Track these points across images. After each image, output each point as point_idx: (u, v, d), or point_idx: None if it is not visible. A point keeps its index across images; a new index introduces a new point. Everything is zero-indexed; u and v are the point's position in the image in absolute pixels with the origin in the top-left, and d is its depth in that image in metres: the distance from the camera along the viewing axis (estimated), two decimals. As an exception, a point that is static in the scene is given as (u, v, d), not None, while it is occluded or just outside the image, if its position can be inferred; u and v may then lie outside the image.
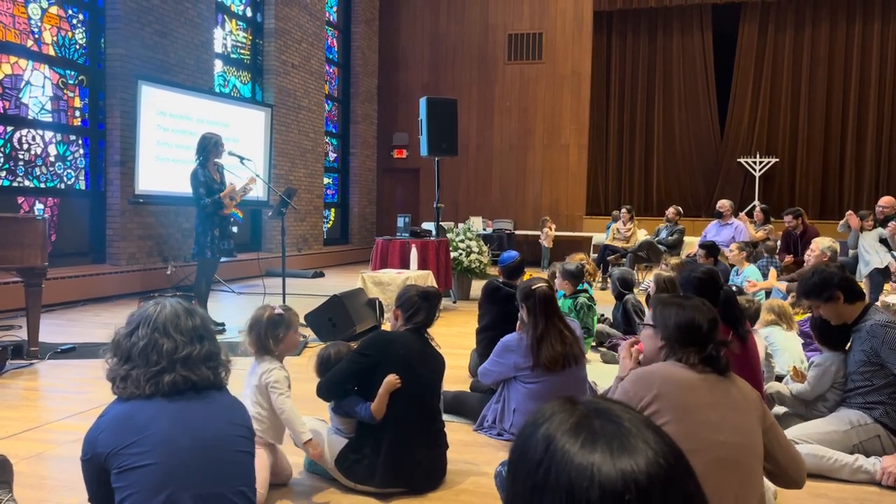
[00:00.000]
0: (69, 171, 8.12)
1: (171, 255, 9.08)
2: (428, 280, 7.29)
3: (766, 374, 3.86)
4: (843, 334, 3.50)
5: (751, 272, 7.13)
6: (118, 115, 8.32)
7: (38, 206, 7.76)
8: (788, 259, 8.22)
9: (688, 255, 9.74)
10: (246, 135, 10.09)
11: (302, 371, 4.86)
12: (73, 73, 8.13)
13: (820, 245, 5.95)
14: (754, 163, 14.60)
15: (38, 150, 7.74)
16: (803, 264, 6.69)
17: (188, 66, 9.44)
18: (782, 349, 4.69)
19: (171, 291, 8.11)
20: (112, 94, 8.35)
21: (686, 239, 10.86)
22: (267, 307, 2.91)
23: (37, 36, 7.70)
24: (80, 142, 8.27)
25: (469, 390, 4.23)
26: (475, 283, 8.75)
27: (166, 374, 1.78)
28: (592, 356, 5.39)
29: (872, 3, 14.35)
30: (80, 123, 8.24)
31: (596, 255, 10.96)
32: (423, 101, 8.53)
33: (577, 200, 14.79)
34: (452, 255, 8.50)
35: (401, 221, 8.46)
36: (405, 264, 7.74)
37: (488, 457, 3.30)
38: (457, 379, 4.65)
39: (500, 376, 3.53)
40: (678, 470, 0.76)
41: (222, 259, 6.44)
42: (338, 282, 10.17)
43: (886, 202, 7.78)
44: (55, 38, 7.92)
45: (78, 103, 8.21)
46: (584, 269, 6.26)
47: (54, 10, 7.89)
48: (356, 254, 14.63)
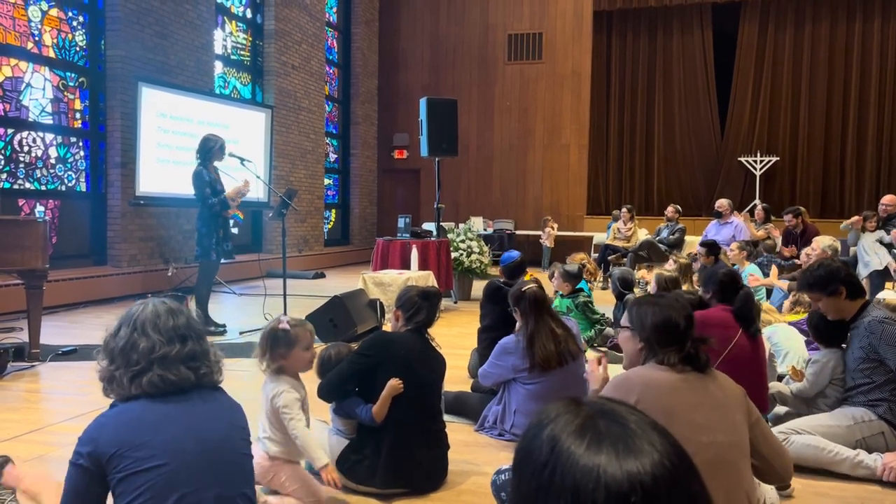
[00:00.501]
0: (70, 173, 8.12)
1: (172, 256, 9.08)
2: (429, 280, 7.29)
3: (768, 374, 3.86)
4: (839, 331, 3.52)
5: (751, 271, 7.13)
6: (118, 116, 8.32)
7: (39, 208, 7.75)
8: (787, 250, 8.25)
9: (689, 254, 9.75)
10: (246, 136, 10.09)
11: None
12: (73, 75, 8.13)
13: (821, 244, 5.95)
14: (755, 162, 14.59)
15: (39, 153, 7.74)
16: (800, 258, 6.70)
17: (188, 68, 9.44)
18: (786, 348, 4.69)
19: (171, 292, 8.11)
20: (112, 95, 8.35)
21: (687, 238, 10.86)
22: (277, 320, 2.71)
23: (37, 38, 7.71)
24: (81, 144, 8.27)
25: (470, 391, 4.23)
26: (476, 284, 8.74)
27: (144, 375, 1.75)
28: (594, 355, 5.37)
29: (872, 1, 14.34)
30: (80, 125, 8.24)
31: (597, 255, 10.96)
32: (423, 102, 8.53)
33: (577, 200, 14.79)
34: (453, 255, 8.50)
35: (401, 222, 8.46)
36: (406, 265, 7.74)
37: (489, 457, 3.30)
38: (458, 379, 4.64)
39: (500, 378, 3.53)
40: (683, 471, 0.76)
41: (222, 260, 6.44)
42: (339, 283, 10.17)
43: (889, 200, 7.77)
44: (55, 41, 7.92)
45: (78, 105, 8.21)
46: (584, 269, 6.27)
47: (54, 12, 7.89)
48: (357, 254, 14.64)
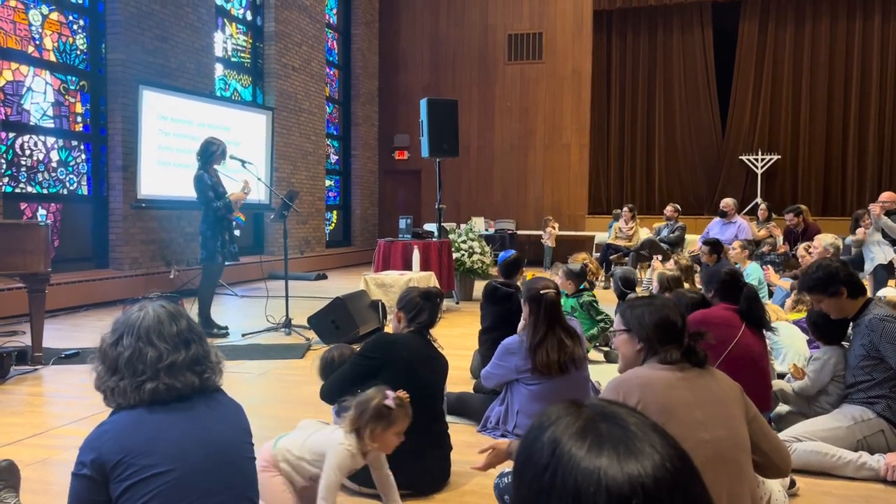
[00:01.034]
0: (71, 176, 8.13)
1: (174, 258, 9.09)
2: (430, 281, 7.29)
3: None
4: (838, 328, 3.53)
5: (752, 270, 7.12)
6: (119, 120, 8.33)
7: (41, 211, 7.76)
8: (782, 248, 8.29)
9: (691, 253, 9.74)
10: (247, 138, 10.10)
11: (305, 374, 4.87)
12: (74, 78, 8.14)
13: (823, 242, 5.94)
14: (756, 160, 14.58)
15: (41, 156, 7.75)
16: (796, 257, 6.70)
17: (189, 71, 9.45)
18: (787, 346, 4.69)
19: (154, 293, 8.12)
20: (113, 99, 8.36)
21: (688, 237, 10.86)
22: (381, 393, 2.53)
23: (38, 42, 7.72)
24: (82, 147, 8.28)
25: (472, 391, 4.23)
26: (478, 284, 8.74)
27: (150, 383, 1.72)
28: (596, 355, 5.39)
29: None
30: (81, 129, 8.25)
31: (598, 255, 10.95)
32: (423, 103, 8.53)
33: (578, 200, 14.79)
34: (455, 255, 8.50)
35: (403, 223, 8.46)
36: (408, 266, 7.74)
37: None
38: (460, 380, 4.64)
39: (503, 379, 3.53)
40: (684, 473, 0.76)
41: (226, 262, 6.45)
42: (340, 284, 10.17)
43: (887, 197, 7.75)
44: (56, 44, 7.93)
45: (79, 109, 8.22)
46: (588, 269, 6.26)
47: (55, 16, 7.90)
48: (358, 256, 14.64)
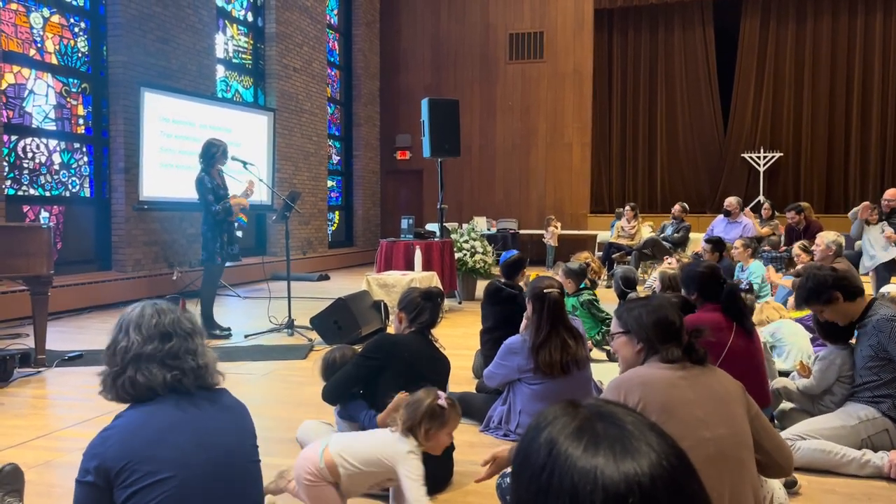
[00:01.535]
0: (74, 178, 8.15)
1: (177, 260, 9.10)
2: (433, 281, 7.29)
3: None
4: (846, 328, 3.50)
5: (755, 268, 7.11)
6: (121, 122, 8.34)
7: (44, 214, 7.78)
8: (782, 248, 8.30)
9: (694, 252, 9.73)
10: (249, 139, 10.11)
11: (308, 374, 4.88)
12: (75, 81, 8.16)
13: (825, 239, 5.92)
14: (758, 158, 14.56)
15: (43, 159, 7.77)
16: (792, 257, 6.70)
17: (190, 72, 9.46)
18: (790, 344, 4.68)
19: (169, 296, 8.15)
20: (115, 101, 8.37)
21: (692, 235, 10.84)
22: (432, 393, 2.53)
23: (39, 45, 7.73)
24: (84, 149, 8.30)
25: (475, 391, 4.23)
26: (480, 284, 8.74)
27: (121, 376, 1.73)
28: (599, 354, 5.38)
29: (874, -4, 14.32)
30: (83, 131, 8.27)
31: (601, 253, 10.94)
32: (424, 103, 8.53)
33: (581, 199, 14.78)
34: (457, 255, 8.50)
35: (405, 223, 8.46)
36: (410, 266, 7.74)
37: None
38: (462, 380, 4.64)
39: (505, 379, 3.53)
40: (681, 471, 0.76)
41: (227, 263, 6.46)
42: (343, 284, 10.18)
43: (892, 195, 7.73)
44: (57, 47, 7.95)
45: (81, 111, 8.24)
46: (589, 267, 6.26)
47: (56, 18, 7.92)
48: (361, 256, 14.65)
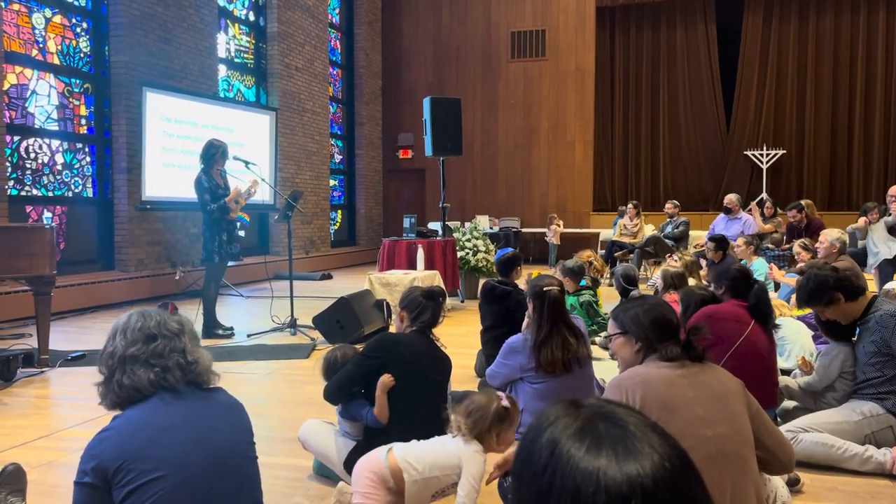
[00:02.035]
0: (76, 179, 8.16)
1: (180, 260, 9.11)
2: (435, 280, 7.29)
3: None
4: (849, 326, 3.50)
5: (759, 265, 7.10)
6: (124, 122, 8.35)
7: (47, 214, 7.80)
8: (785, 245, 8.29)
9: (695, 247, 9.72)
10: (251, 139, 10.11)
11: (310, 374, 4.88)
12: (78, 81, 8.17)
13: (829, 237, 5.90)
14: (761, 155, 14.53)
15: (46, 159, 7.78)
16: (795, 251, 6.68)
17: (192, 72, 9.47)
18: (792, 342, 4.66)
19: (181, 297, 8.16)
20: (117, 101, 8.38)
21: (692, 232, 10.83)
22: (493, 396, 2.49)
23: (41, 45, 7.74)
24: (87, 150, 8.31)
25: (477, 390, 4.23)
26: (483, 283, 8.73)
27: (110, 380, 1.76)
28: (601, 353, 5.37)
29: (877, -8, 14.28)
30: (86, 131, 8.28)
31: (603, 252, 10.93)
32: (426, 101, 8.52)
33: (583, 197, 14.76)
34: (459, 254, 8.50)
35: (407, 222, 8.46)
36: (412, 265, 7.74)
37: (497, 457, 3.28)
38: (465, 379, 4.64)
39: (507, 378, 3.52)
40: (683, 473, 0.76)
41: (229, 263, 6.46)
42: (345, 283, 10.18)
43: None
44: (60, 47, 7.96)
45: (84, 111, 8.25)
46: (591, 266, 6.25)
47: (58, 19, 7.93)
48: (363, 255, 14.65)
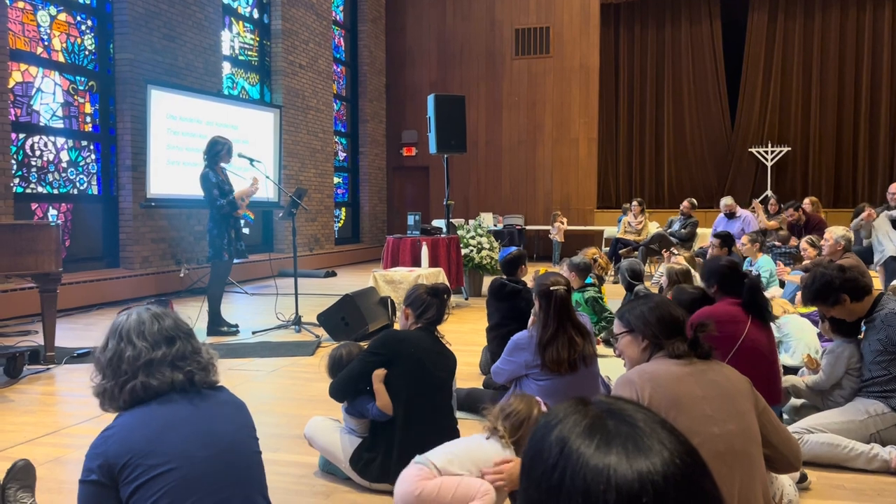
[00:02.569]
0: (81, 176, 8.18)
1: (184, 257, 9.13)
2: (439, 277, 7.29)
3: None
4: (854, 323, 3.48)
5: (764, 262, 7.08)
6: (128, 119, 8.36)
7: (52, 212, 7.82)
8: (793, 241, 8.29)
9: (700, 247, 9.70)
10: (255, 136, 10.12)
11: (315, 371, 4.89)
12: (83, 78, 8.18)
13: (834, 235, 5.89)
14: (766, 152, 14.49)
15: (51, 157, 7.80)
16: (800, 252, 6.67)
17: (196, 69, 9.48)
18: (797, 339, 4.65)
19: (152, 299, 8.18)
20: (122, 98, 8.40)
21: (699, 231, 10.81)
22: (534, 402, 2.50)
23: (46, 43, 7.76)
24: (92, 147, 8.32)
25: (482, 387, 4.23)
26: (487, 280, 8.73)
27: (129, 384, 1.75)
28: (606, 350, 5.37)
29: (883, -11, 14.21)
30: (91, 129, 8.29)
31: (608, 249, 10.91)
32: (430, 99, 8.52)
33: (587, 194, 14.74)
34: (463, 251, 8.50)
35: (411, 219, 8.46)
36: (416, 262, 7.74)
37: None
38: (469, 376, 4.65)
39: (513, 375, 3.52)
40: (694, 469, 0.76)
41: (235, 260, 6.47)
42: (350, 281, 10.19)
43: None
44: (64, 45, 7.97)
45: (88, 109, 8.26)
46: (597, 263, 6.23)
47: (63, 16, 7.94)
48: (367, 252, 14.66)
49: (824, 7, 14.62)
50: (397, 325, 4.66)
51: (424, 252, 7.61)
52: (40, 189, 7.67)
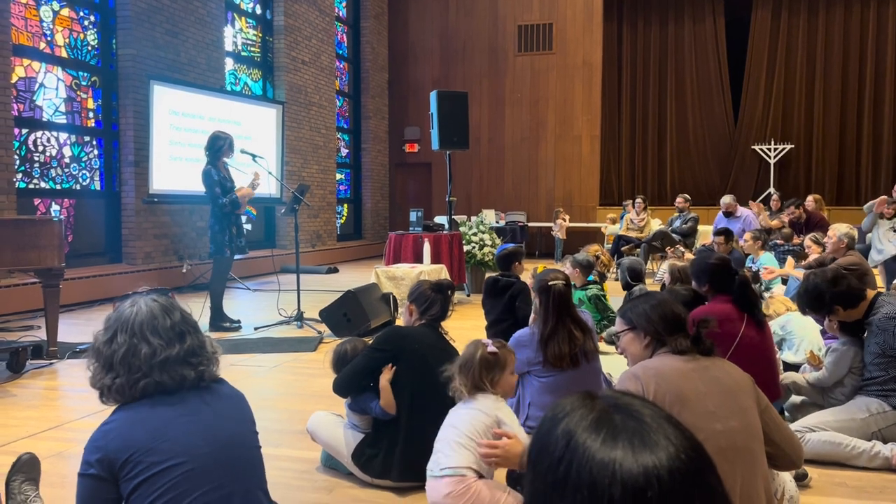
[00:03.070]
0: (84, 172, 8.19)
1: (187, 253, 9.14)
2: (441, 274, 7.29)
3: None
4: (856, 322, 3.49)
5: (766, 260, 7.07)
6: (131, 115, 8.37)
7: (55, 207, 7.83)
8: (797, 239, 8.27)
9: (703, 244, 9.69)
10: (258, 132, 10.12)
11: (317, 366, 4.89)
12: (85, 74, 8.18)
13: (837, 232, 5.88)
14: (769, 150, 14.46)
15: (54, 152, 7.80)
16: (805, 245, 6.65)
17: (199, 65, 9.47)
18: (800, 337, 4.64)
19: (145, 287, 8.18)
20: (125, 94, 8.40)
21: (700, 228, 10.80)
22: (479, 344, 2.58)
23: (49, 38, 7.76)
24: (95, 143, 8.33)
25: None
26: (489, 276, 8.73)
27: (143, 380, 1.72)
28: (608, 347, 5.37)
29: (887, -14, 14.17)
30: (93, 124, 8.30)
31: (610, 246, 10.91)
32: (433, 95, 8.51)
33: (590, 191, 14.73)
34: (465, 248, 8.50)
35: (413, 216, 8.46)
36: (418, 258, 7.74)
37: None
38: (472, 372, 4.64)
39: (515, 371, 3.52)
40: (699, 464, 0.76)
41: (236, 256, 6.48)
42: (352, 277, 10.20)
43: None
44: (67, 40, 7.97)
45: (91, 104, 8.27)
46: (599, 260, 6.23)
47: (66, 12, 7.94)
48: (369, 249, 14.66)
49: (828, 4, 14.58)
50: (399, 321, 4.67)
51: (427, 249, 7.61)
52: (43, 184, 7.68)
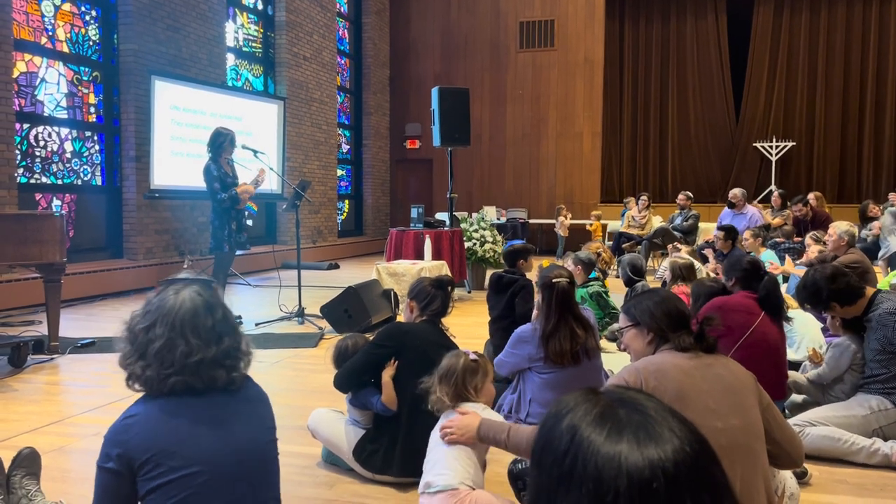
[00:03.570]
0: (85, 167, 8.18)
1: (188, 248, 9.14)
2: (442, 270, 7.29)
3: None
4: (857, 317, 3.49)
5: (767, 257, 7.06)
6: (132, 110, 8.36)
7: (56, 202, 7.83)
8: (797, 238, 8.28)
9: (705, 240, 9.69)
10: (259, 128, 10.12)
11: (318, 362, 4.90)
12: (87, 69, 8.17)
13: (837, 230, 5.87)
14: (770, 147, 14.45)
15: (55, 147, 7.80)
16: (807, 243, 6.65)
17: (200, 61, 9.47)
18: (801, 335, 4.65)
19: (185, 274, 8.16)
20: (126, 89, 8.39)
21: (701, 225, 10.79)
22: (460, 354, 2.59)
23: (50, 33, 7.75)
24: (96, 138, 8.33)
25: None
26: (490, 273, 8.72)
27: (173, 377, 1.68)
28: (609, 344, 5.37)
29: (890, -17, 14.13)
30: (95, 119, 8.29)
31: (611, 243, 10.91)
32: (434, 91, 8.50)
33: (591, 188, 14.72)
34: (466, 245, 8.50)
35: (414, 212, 8.46)
36: (419, 255, 7.75)
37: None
38: (473, 369, 4.64)
39: (516, 367, 3.52)
40: (704, 457, 0.76)
41: (237, 252, 6.48)
42: (353, 273, 10.20)
43: None
44: (69, 35, 7.96)
45: (92, 99, 8.26)
46: (600, 258, 6.23)
47: (67, 6, 7.93)
48: (371, 245, 14.67)
49: (830, 2, 14.55)
50: (400, 318, 4.66)
51: (428, 245, 7.61)
52: (44, 179, 7.68)
